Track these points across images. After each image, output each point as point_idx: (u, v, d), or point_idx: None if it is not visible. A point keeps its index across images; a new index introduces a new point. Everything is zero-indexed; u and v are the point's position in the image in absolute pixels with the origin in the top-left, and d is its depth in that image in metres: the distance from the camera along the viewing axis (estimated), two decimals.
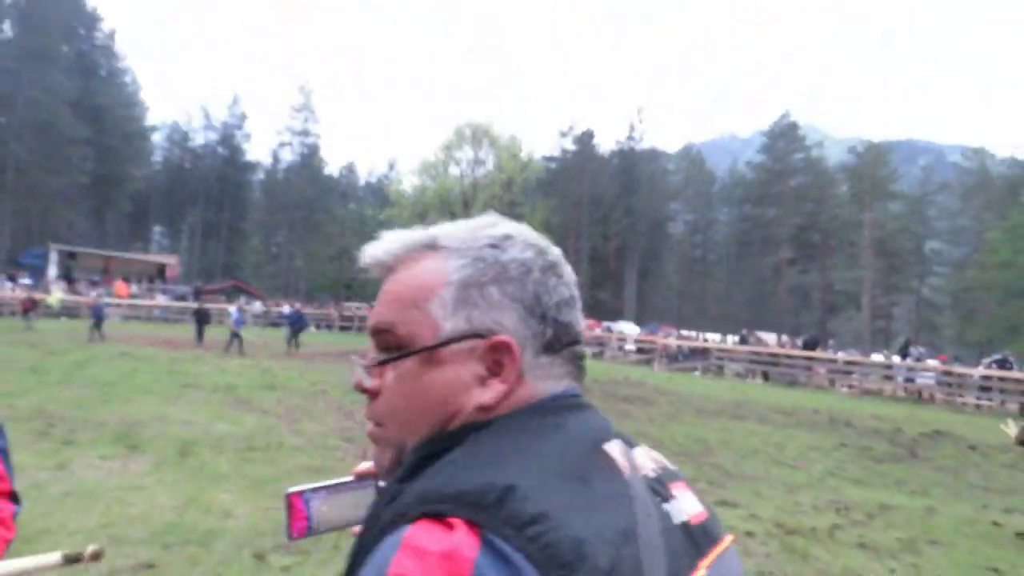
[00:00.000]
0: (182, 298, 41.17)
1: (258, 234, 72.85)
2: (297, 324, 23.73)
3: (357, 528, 0.90)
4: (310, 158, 69.07)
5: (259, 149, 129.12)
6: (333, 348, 22.30)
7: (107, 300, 31.73)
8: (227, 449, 8.22)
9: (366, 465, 0.93)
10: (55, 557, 1.17)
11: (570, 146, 69.58)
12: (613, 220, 64.77)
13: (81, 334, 22.54)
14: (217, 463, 7.51)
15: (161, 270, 47.28)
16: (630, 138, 68.67)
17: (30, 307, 24.82)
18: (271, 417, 10.71)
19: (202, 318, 23.08)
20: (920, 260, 60.47)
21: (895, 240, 56.80)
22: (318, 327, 41.81)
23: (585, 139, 68.19)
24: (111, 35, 62.25)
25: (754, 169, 66.96)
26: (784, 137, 63.09)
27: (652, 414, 14.84)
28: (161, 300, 39.63)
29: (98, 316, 22.45)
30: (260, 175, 75.18)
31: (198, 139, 71.80)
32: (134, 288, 40.26)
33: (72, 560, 1.18)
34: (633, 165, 66.60)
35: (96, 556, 1.20)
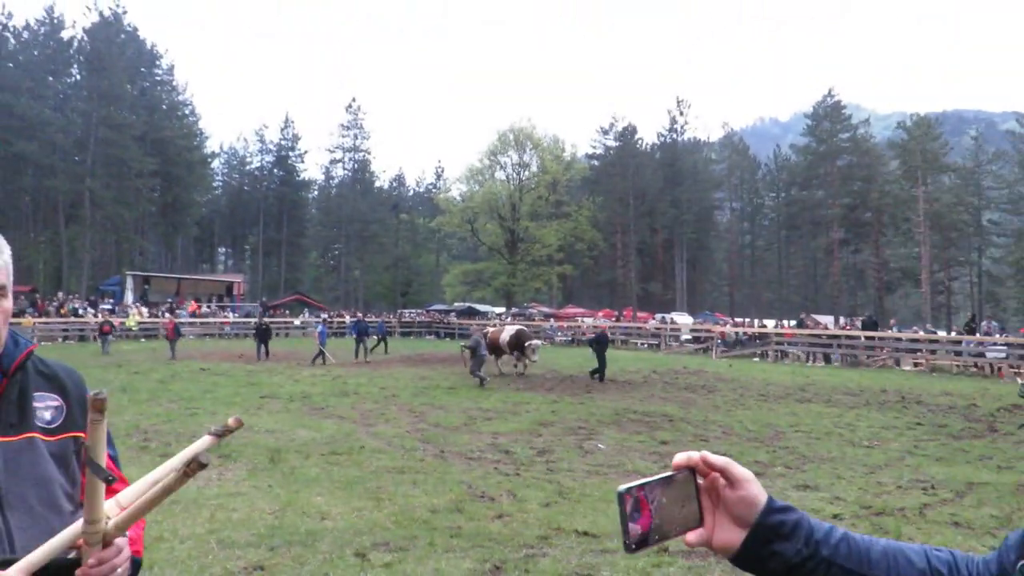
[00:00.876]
0: (249, 315, 42.64)
1: (316, 249, 74.96)
2: (362, 332, 24.33)
3: (691, 536, 0.87)
4: (361, 173, 70.85)
5: (312, 167, 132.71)
6: (396, 354, 22.82)
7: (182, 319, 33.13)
8: (313, 454, 8.52)
9: (684, 456, 0.89)
10: (206, 440, 1.27)
11: (612, 143, 69.25)
12: (659, 213, 64.25)
13: (160, 353, 23.57)
14: (305, 468, 7.80)
15: (229, 288, 48.96)
16: (671, 130, 68.05)
17: (109, 331, 25.86)
18: (348, 422, 11.03)
19: (263, 336, 23.75)
20: (978, 232, 58.31)
21: (950, 213, 54.89)
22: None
23: (627, 134, 67.75)
24: (170, 70, 65.14)
25: (799, 152, 65.58)
26: (828, 118, 61.60)
27: (716, 401, 14.75)
28: (231, 317, 41.19)
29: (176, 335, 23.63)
30: (314, 192, 77.38)
31: (255, 162, 74.43)
32: (205, 307, 41.85)
33: (221, 434, 1.28)
34: (676, 157, 65.97)
35: (239, 423, 1.29)
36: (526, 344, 18.74)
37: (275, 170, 72.31)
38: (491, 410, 12.72)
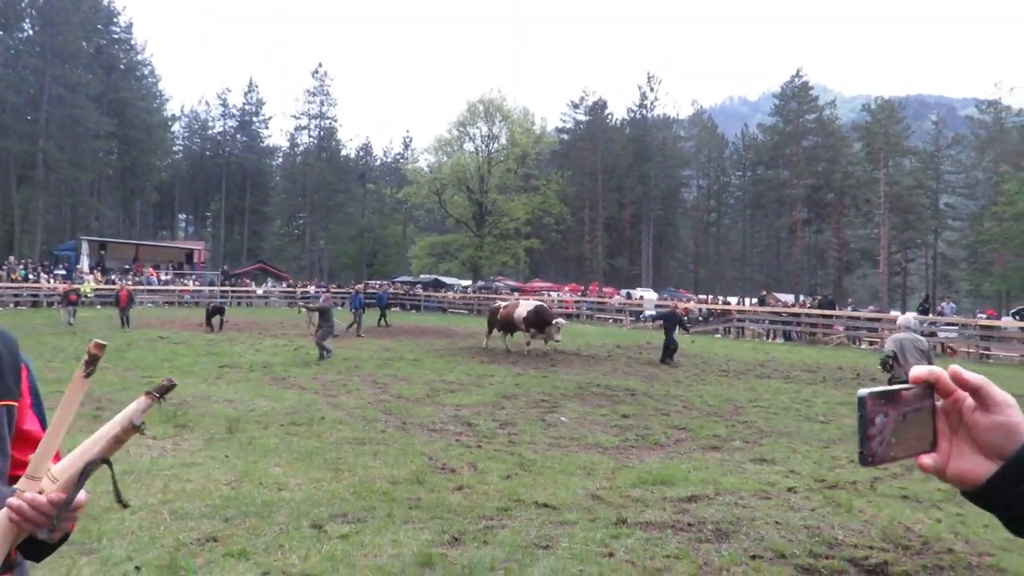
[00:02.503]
0: (212, 283, 41.86)
1: (280, 217, 73.68)
2: (357, 305, 23.62)
3: (926, 459, 0.78)
4: (327, 141, 69.36)
5: (277, 134, 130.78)
6: (362, 325, 22.69)
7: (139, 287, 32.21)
8: (272, 424, 8.41)
9: (925, 370, 0.77)
10: (142, 401, 1.21)
11: (582, 117, 69.03)
12: (627, 188, 64.45)
13: (116, 321, 22.85)
14: (264, 438, 7.69)
15: (190, 256, 47.86)
16: (641, 106, 67.97)
17: (76, 300, 24.11)
18: (309, 393, 10.92)
19: (213, 313, 22.93)
20: (935, 215, 59.80)
21: (909, 196, 56.13)
22: (342, 305, 42.10)
23: (597, 109, 67.54)
24: (128, 28, 62.55)
25: (766, 131, 66.15)
26: (795, 98, 62.15)
27: (678, 376, 14.95)
28: (191, 285, 40.35)
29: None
30: (279, 159, 75.79)
31: (217, 127, 72.44)
32: (163, 275, 40.96)
33: (158, 395, 1.22)
34: (645, 133, 66.03)
35: (172, 383, 1.23)
36: (553, 322, 17.87)
37: (238, 135, 70.63)
38: (455, 382, 12.70)
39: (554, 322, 17.87)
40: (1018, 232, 36.99)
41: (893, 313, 33.90)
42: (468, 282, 49.46)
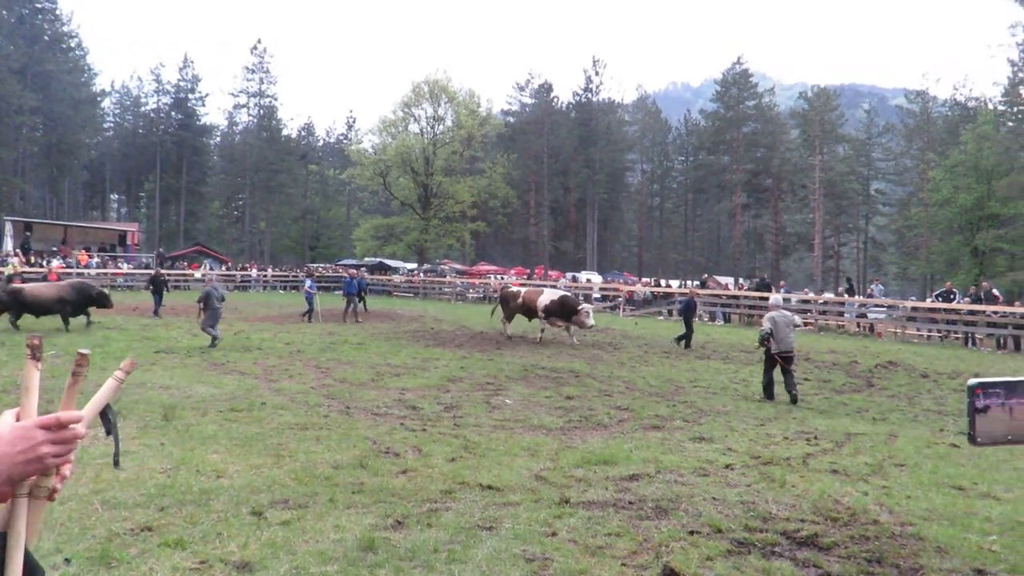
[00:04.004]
0: (146, 265, 40.29)
1: (218, 198, 71.20)
2: (353, 291, 22.99)
3: None
4: (267, 120, 67.19)
5: (215, 112, 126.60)
6: (304, 309, 22.14)
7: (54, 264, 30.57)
8: (210, 411, 8.19)
9: None
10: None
11: (528, 100, 68.95)
12: (573, 172, 64.81)
13: None
14: (202, 425, 7.48)
15: (122, 238, 45.79)
16: (587, 89, 68.22)
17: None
18: (250, 378, 10.67)
19: (158, 287, 22.10)
20: (866, 200, 62.31)
21: (843, 182, 58.29)
22: (284, 288, 41.49)
23: (543, 92, 67.54)
24: None
25: (708, 117, 67.43)
26: (736, 85, 63.45)
27: (622, 358, 15.19)
28: (125, 268, 38.76)
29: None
30: (217, 138, 73.27)
31: (150, 104, 69.52)
32: (95, 258, 39.17)
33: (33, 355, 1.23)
34: (590, 117, 66.38)
35: (38, 340, 1.24)
36: (579, 308, 17.30)
37: (173, 113, 67.84)
38: (400, 366, 12.61)
39: (580, 308, 17.30)
40: (943, 218, 38.70)
41: (827, 295, 35.20)
42: (413, 265, 49.07)
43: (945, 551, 4.68)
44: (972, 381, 0.81)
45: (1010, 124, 38.88)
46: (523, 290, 19.25)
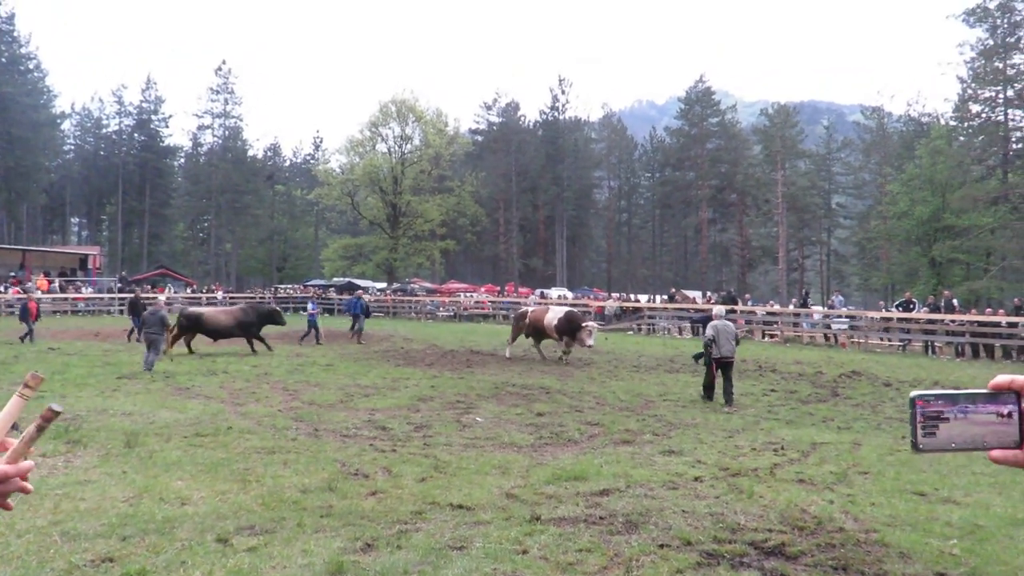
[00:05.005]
0: (109, 289, 39.45)
1: (183, 220, 70.07)
2: (358, 312, 22.81)
3: (996, 453, 0.90)
4: (232, 140, 66.43)
5: (179, 133, 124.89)
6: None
7: (37, 295, 29.53)
8: (175, 436, 8.02)
9: (1005, 378, 0.91)
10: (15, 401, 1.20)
11: (495, 118, 69.42)
12: (541, 189, 65.31)
13: (6, 332, 20.99)
14: (166, 451, 7.32)
15: (83, 262, 44.77)
16: (553, 108, 68.97)
17: None
18: (215, 402, 10.48)
19: (137, 311, 21.16)
20: (827, 214, 63.84)
21: (804, 196, 59.69)
22: None
23: (510, 111, 68.16)
24: (10, 19, 57.94)
25: (672, 134, 68.63)
26: (699, 102, 64.74)
27: (592, 373, 15.25)
28: (87, 293, 37.92)
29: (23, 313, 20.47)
30: (181, 160, 72.18)
31: (112, 125, 68.18)
32: (56, 283, 38.23)
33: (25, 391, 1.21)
34: (558, 135, 67.11)
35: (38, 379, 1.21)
36: (583, 325, 16.69)
37: (136, 134, 66.89)
38: (369, 386, 12.50)
39: (584, 326, 16.68)
40: (901, 230, 39.70)
41: (790, 308, 35.79)
42: (383, 284, 48.78)
43: (908, 556, 4.78)
44: (913, 393, 0.88)
45: (961, 139, 40.16)
46: (530, 310, 18.92)
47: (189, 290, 45.14)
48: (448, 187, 51.66)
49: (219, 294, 42.13)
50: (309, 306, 23.27)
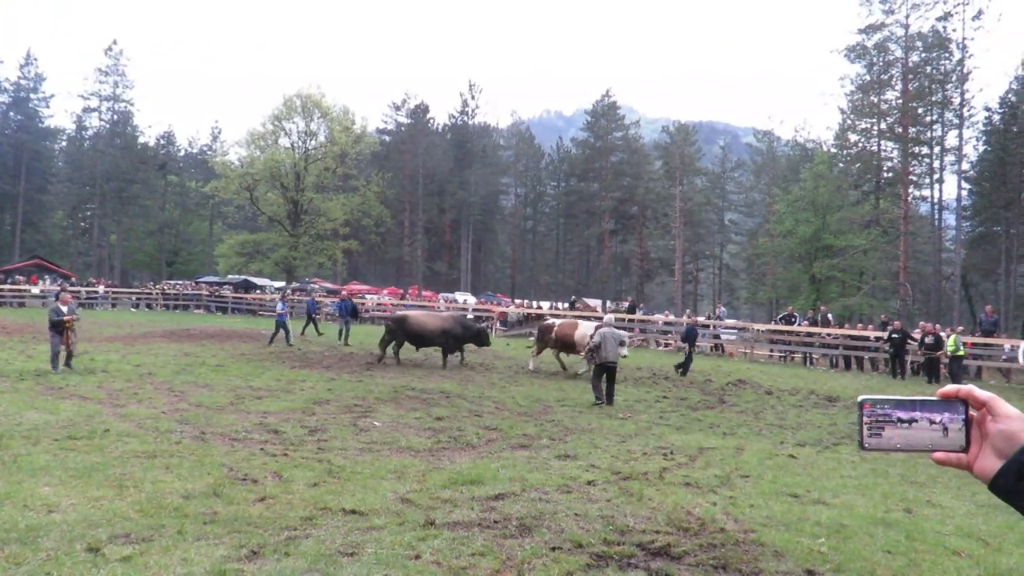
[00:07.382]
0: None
1: (63, 207, 64.87)
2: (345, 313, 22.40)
3: (938, 455, 0.99)
4: (121, 126, 62.14)
5: (61, 115, 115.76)
6: (158, 328, 20.47)
7: None
8: (43, 439, 7.43)
9: (953, 388, 1.00)
10: None
11: (404, 119, 68.69)
12: (448, 193, 65.15)
13: None
14: (33, 455, 6.78)
15: None
16: (463, 112, 68.98)
17: None
18: (92, 403, 9.80)
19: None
20: (721, 230, 67.24)
21: (700, 212, 62.61)
22: (136, 306, 38.80)
23: (419, 112, 67.62)
24: None
25: (578, 145, 70.24)
26: (605, 116, 66.57)
27: (492, 378, 15.34)
28: None
29: None
30: (63, 143, 66.84)
31: None
32: None
33: None
34: (466, 139, 67.16)
35: None
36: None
37: (11, 113, 61.59)
38: (262, 388, 12.06)
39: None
40: (785, 247, 42.21)
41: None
42: (281, 283, 47.16)
43: (781, 554, 5.08)
44: (861, 397, 1.01)
45: (841, 165, 43.28)
46: (557, 323, 18.15)
47: (68, 283, 42.00)
48: (353, 186, 50.65)
49: (100, 288, 39.58)
50: (279, 306, 22.42)
